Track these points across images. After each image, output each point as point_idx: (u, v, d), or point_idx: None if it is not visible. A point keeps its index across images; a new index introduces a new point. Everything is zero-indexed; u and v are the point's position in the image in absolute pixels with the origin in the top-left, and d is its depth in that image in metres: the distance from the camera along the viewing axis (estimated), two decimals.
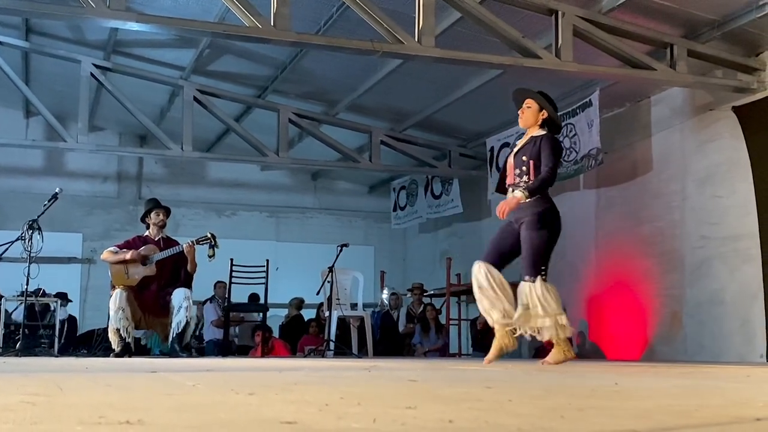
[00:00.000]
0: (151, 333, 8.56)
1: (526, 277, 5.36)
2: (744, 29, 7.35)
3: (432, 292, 12.15)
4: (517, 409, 1.76)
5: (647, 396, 2.26)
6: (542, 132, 5.61)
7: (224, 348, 10.20)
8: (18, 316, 9.17)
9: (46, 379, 2.77)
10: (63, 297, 10.78)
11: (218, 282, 10.98)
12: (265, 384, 2.65)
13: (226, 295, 10.28)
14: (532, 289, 5.30)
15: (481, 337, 10.73)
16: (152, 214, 8.15)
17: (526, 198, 5.43)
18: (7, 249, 8.12)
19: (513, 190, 5.54)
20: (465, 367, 5.04)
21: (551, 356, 5.38)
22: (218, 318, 10.98)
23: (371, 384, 2.76)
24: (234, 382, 2.72)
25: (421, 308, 11.72)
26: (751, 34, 7.45)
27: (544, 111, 5.64)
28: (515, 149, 5.71)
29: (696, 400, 2.12)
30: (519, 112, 5.74)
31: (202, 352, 10.54)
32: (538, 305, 5.28)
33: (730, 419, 1.62)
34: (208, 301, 11.33)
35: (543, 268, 5.37)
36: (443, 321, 11.46)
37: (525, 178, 5.49)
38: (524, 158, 5.53)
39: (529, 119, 5.66)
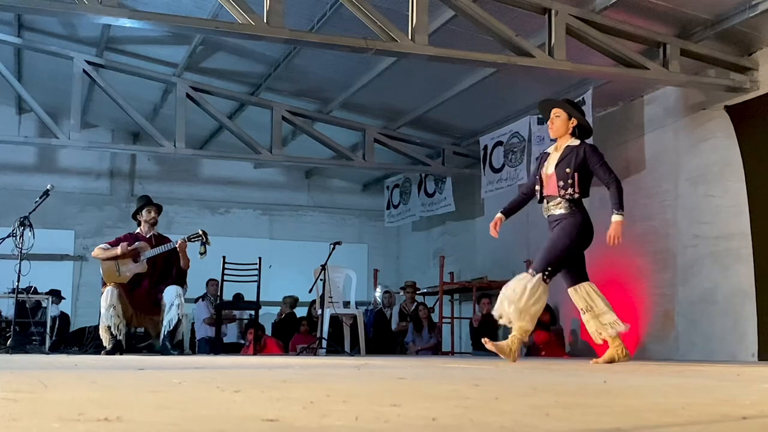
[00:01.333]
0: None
1: (530, 270, 5.40)
2: (737, 29, 7.35)
3: (425, 290, 12.15)
4: (503, 406, 1.76)
5: (635, 394, 2.26)
6: (577, 141, 5.66)
7: (216, 346, 10.17)
8: (9, 312, 9.15)
9: (32, 376, 2.75)
10: (56, 294, 10.76)
11: (210, 280, 10.95)
12: (252, 381, 2.64)
13: (218, 293, 10.25)
14: (527, 280, 5.33)
15: (479, 335, 10.70)
16: (144, 212, 8.13)
17: (622, 217, 5.62)
18: None
19: (549, 201, 5.61)
20: (456, 365, 5.04)
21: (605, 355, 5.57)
22: (210, 316, 10.96)
23: (359, 381, 2.75)
24: (221, 380, 2.70)
25: (414, 306, 11.71)
26: (744, 33, 7.45)
27: (573, 119, 5.69)
28: (552, 160, 5.69)
29: (683, 399, 2.12)
30: (548, 122, 5.80)
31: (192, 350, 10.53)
32: (518, 295, 5.31)
33: (716, 417, 1.62)
34: (200, 299, 11.31)
35: (550, 268, 5.40)
36: (436, 319, 11.45)
37: (570, 190, 5.53)
38: (567, 170, 5.56)
39: (560, 128, 5.70)
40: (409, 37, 6.95)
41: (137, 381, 2.69)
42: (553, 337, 9.88)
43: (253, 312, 10.29)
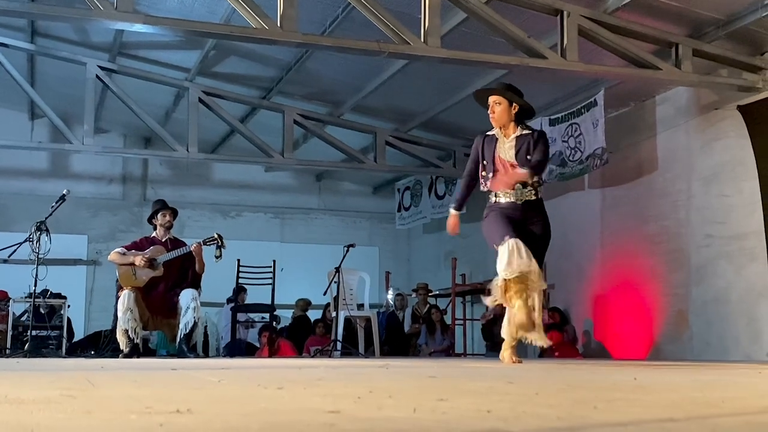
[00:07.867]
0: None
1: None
2: (749, 28, 7.37)
3: (437, 292, 12.17)
4: (547, 401, 1.79)
5: (670, 389, 2.29)
6: (527, 130, 5.51)
7: (233, 349, 10.20)
8: (25, 317, 9.19)
9: (72, 376, 2.80)
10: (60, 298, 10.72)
11: (240, 287, 10.84)
12: (290, 380, 2.68)
13: (234, 297, 10.27)
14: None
15: (489, 332, 10.69)
16: (159, 216, 8.16)
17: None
18: (15, 251, 8.14)
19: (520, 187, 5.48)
20: (477, 365, 5.07)
21: None
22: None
23: (393, 380, 2.79)
24: (257, 379, 2.74)
25: (426, 308, 11.74)
26: (756, 33, 7.47)
27: (515, 104, 5.47)
28: (506, 147, 5.50)
29: (720, 393, 2.15)
30: (489, 112, 5.53)
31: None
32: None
33: (759, 409, 1.65)
34: (228, 303, 11.27)
35: None
36: (448, 321, 11.48)
37: (537, 177, 5.48)
38: (529, 158, 5.45)
39: (502, 116, 5.46)
40: (422, 40, 6.99)
41: (177, 380, 2.73)
42: (566, 338, 9.90)
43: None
